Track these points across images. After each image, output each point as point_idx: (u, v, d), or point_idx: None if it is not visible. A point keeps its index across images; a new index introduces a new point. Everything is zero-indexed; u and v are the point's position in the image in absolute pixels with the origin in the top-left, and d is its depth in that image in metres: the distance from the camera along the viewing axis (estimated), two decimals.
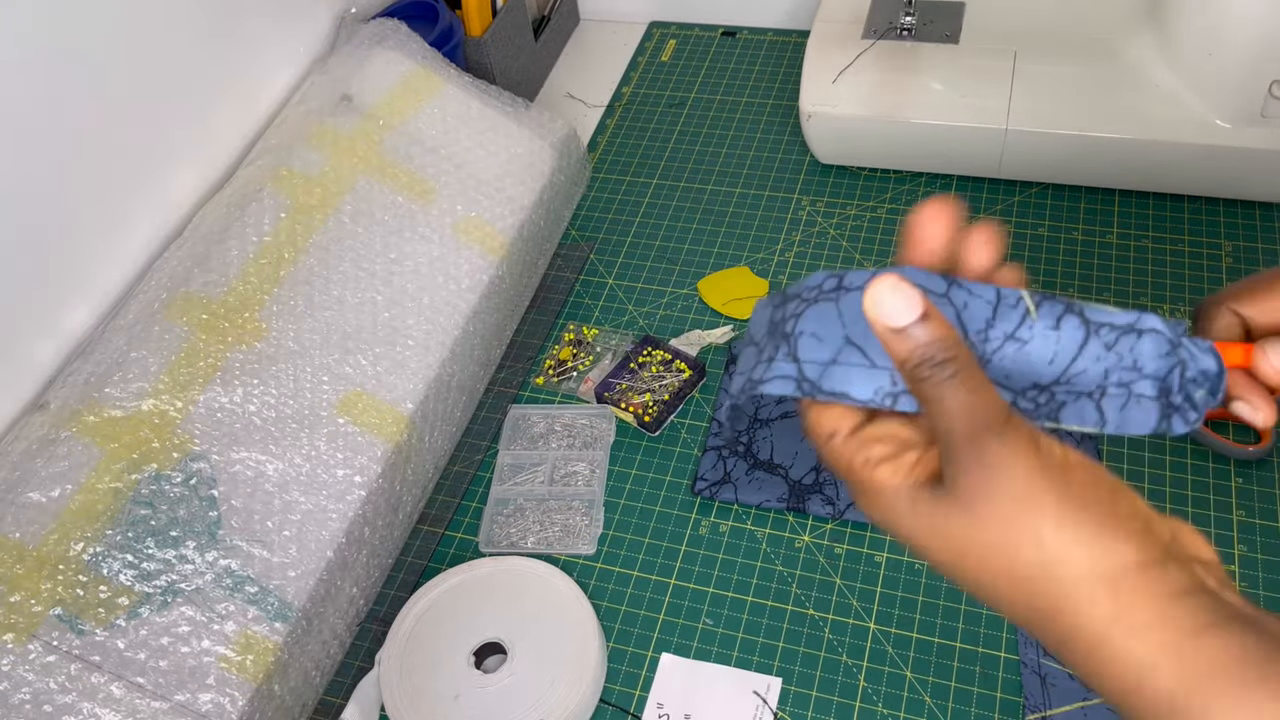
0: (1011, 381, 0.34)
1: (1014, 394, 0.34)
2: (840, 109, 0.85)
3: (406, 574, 0.68)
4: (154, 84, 0.69)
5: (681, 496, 0.70)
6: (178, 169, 0.72)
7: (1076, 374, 0.34)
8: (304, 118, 0.75)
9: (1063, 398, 0.34)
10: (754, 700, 0.60)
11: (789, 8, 1.04)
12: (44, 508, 0.55)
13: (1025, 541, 0.31)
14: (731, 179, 0.91)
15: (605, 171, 0.93)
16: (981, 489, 0.31)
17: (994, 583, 0.32)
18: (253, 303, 0.66)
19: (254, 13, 0.77)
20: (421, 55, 0.81)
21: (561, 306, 0.83)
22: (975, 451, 0.31)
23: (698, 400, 0.75)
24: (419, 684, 0.60)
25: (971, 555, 0.32)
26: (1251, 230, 0.80)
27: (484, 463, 0.73)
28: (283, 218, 0.69)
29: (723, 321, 0.80)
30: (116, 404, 0.59)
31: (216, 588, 0.57)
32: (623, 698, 0.62)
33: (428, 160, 0.77)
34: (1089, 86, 0.82)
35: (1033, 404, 0.34)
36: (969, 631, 0.61)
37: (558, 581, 0.64)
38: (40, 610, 0.53)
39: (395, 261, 0.72)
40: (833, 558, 0.66)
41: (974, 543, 0.31)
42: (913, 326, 0.31)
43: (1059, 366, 0.34)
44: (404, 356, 0.69)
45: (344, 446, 0.64)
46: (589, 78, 1.04)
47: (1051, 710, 0.57)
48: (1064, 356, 0.33)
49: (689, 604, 0.65)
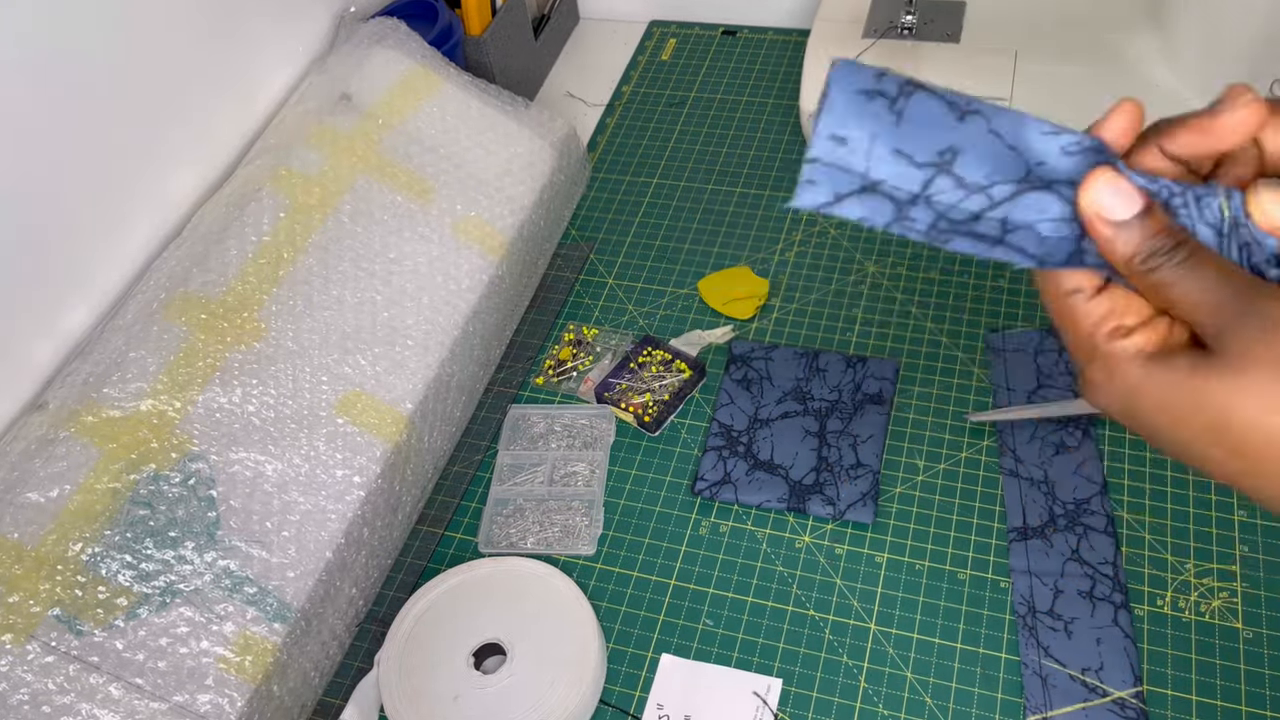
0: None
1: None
2: None
3: (406, 574, 0.68)
4: (153, 84, 0.69)
5: (681, 497, 0.70)
6: (177, 169, 0.72)
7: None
8: (303, 117, 0.75)
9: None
10: (754, 701, 0.60)
11: (789, 7, 1.04)
12: (42, 508, 0.55)
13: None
14: (731, 179, 0.91)
15: (605, 171, 0.93)
16: (1257, 347, 0.29)
17: (1261, 452, 0.29)
18: (252, 303, 0.66)
19: (253, 12, 0.77)
20: (421, 54, 0.81)
21: (561, 306, 0.83)
22: (1249, 309, 0.29)
23: (698, 400, 0.75)
24: (418, 685, 0.60)
25: (1236, 423, 0.29)
26: None
27: (484, 463, 0.73)
28: (282, 217, 0.69)
29: (723, 321, 0.80)
30: (115, 404, 0.59)
31: (215, 588, 0.57)
32: (623, 698, 0.61)
33: (427, 160, 0.76)
34: (1089, 86, 0.82)
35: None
36: (969, 632, 0.61)
37: (557, 582, 0.64)
38: (39, 611, 0.53)
39: (394, 261, 0.72)
40: (833, 558, 0.66)
41: (1242, 409, 0.29)
42: (1134, 221, 0.31)
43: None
44: (403, 356, 0.69)
45: (343, 447, 0.64)
46: (589, 77, 1.04)
47: (1052, 711, 0.57)
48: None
49: (689, 604, 0.65)
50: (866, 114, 0.31)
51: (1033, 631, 0.60)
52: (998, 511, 0.66)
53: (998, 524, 0.66)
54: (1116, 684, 0.58)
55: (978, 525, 0.66)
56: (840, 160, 0.31)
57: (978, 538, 0.65)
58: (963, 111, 0.32)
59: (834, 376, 0.74)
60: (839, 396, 0.72)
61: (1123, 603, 0.61)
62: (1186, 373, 0.30)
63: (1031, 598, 0.62)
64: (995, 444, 0.69)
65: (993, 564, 0.64)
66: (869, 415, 0.71)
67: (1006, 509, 0.66)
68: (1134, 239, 0.31)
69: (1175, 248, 0.31)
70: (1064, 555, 0.63)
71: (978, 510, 0.67)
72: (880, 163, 0.31)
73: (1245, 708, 0.57)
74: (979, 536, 0.65)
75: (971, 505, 0.67)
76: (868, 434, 0.70)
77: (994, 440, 0.70)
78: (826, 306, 0.79)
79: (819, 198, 0.32)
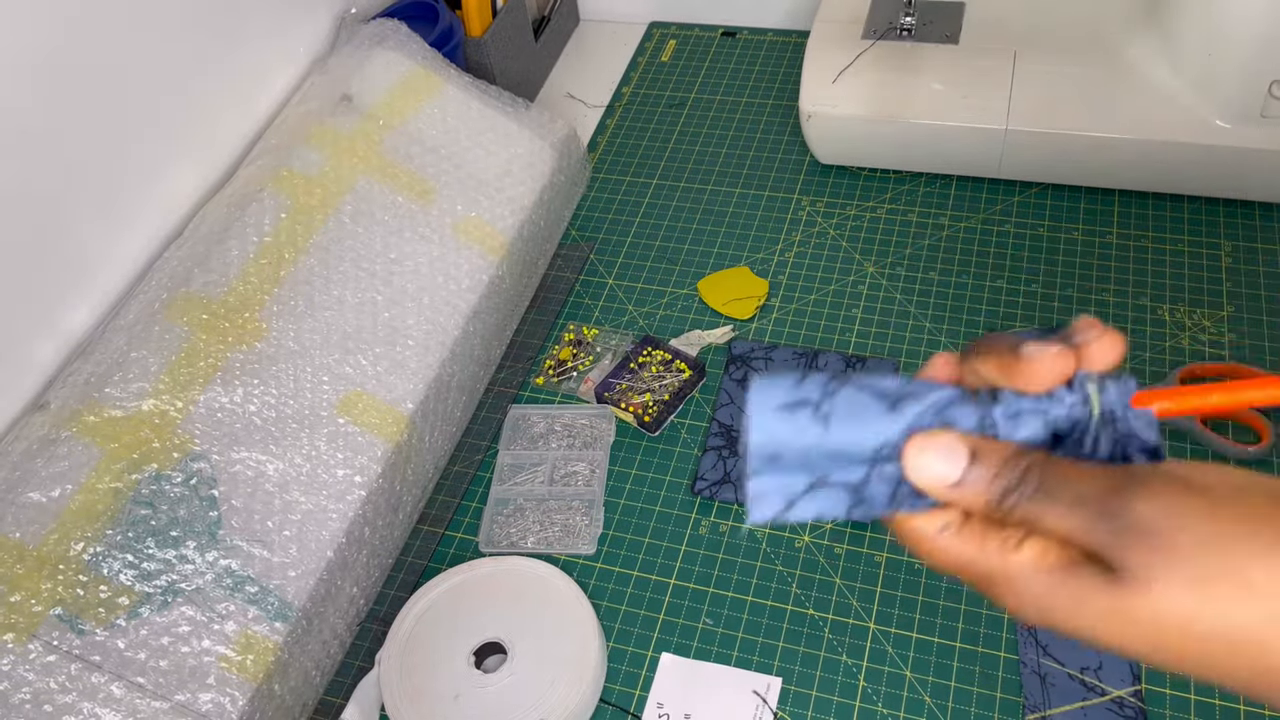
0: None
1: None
2: (840, 109, 0.86)
3: (406, 574, 0.68)
4: (155, 84, 0.69)
5: (681, 496, 0.70)
6: (178, 169, 0.72)
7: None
8: (304, 118, 0.75)
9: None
10: (754, 700, 0.60)
11: (789, 8, 1.04)
12: (44, 508, 0.55)
13: (1231, 596, 0.25)
14: (731, 179, 0.91)
15: (605, 171, 0.93)
16: (1153, 560, 0.26)
17: (1206, 657, 0.27)
18: (253, 303, 0.66)
19: (254, 13, 0.77)
20: (421, 55, 0.81)
21: (561, 306, 0.83)
22: (1124, 527, 0.27)
23: (698, 400, 0.75)
24: (419, 684, 0.60)
25: (1171, 635, 0.27)
26: (1251, 230, 0.80)
27: (484, 463, 0.73)
28: (283, 218, 0.69)
29: (723, 321, 0.80)
30: (117, 404, 0.59)
31: (217, 587, 0.57)
32: (623, 698, 0.62)
33: (428, 160, 0.77)
34: (1089, 86, 0.82)
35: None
36: (969, 631, 0.62)
37: (558, 581, 0.64)
38: (40, 610, 0.53)
39: (395, 261, 0.72)
40: (833, 558, 0.66)
41: (1169, 621, 0.26)
42: (968, 473, 0.29)
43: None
44: (404, 356, 0.69)
45: (344, 446, 0.64)
46: (589, 78, 1.04)
47: (1051, 710, 0.57)
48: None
49: (689, 604, 0.65)
50: (793, 428, 0.31)
51: (1031, 630, 0.60)
52: None
53: None
54: (1115, 683, 0.58)
55: None
56: (782, 471, 0.31)
57: None
58: (894, 400, 0.31)
59: None
60: None
61: None
62: (1099, 594, 0.27)
63: None
64: None
65: None
66: None
67: None
68: (978, 488, 0.29)
69: (1023, 478, 0.28)
70: None
71: None
72: (820, 464, 0.31)
73: (1244, 706, 0.57)
74: None
75: None
76: None
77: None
78: (826, 307, 0.79)
79: (773, 508, 0.31)
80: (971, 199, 0.86)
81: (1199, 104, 0.79)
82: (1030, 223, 0.83)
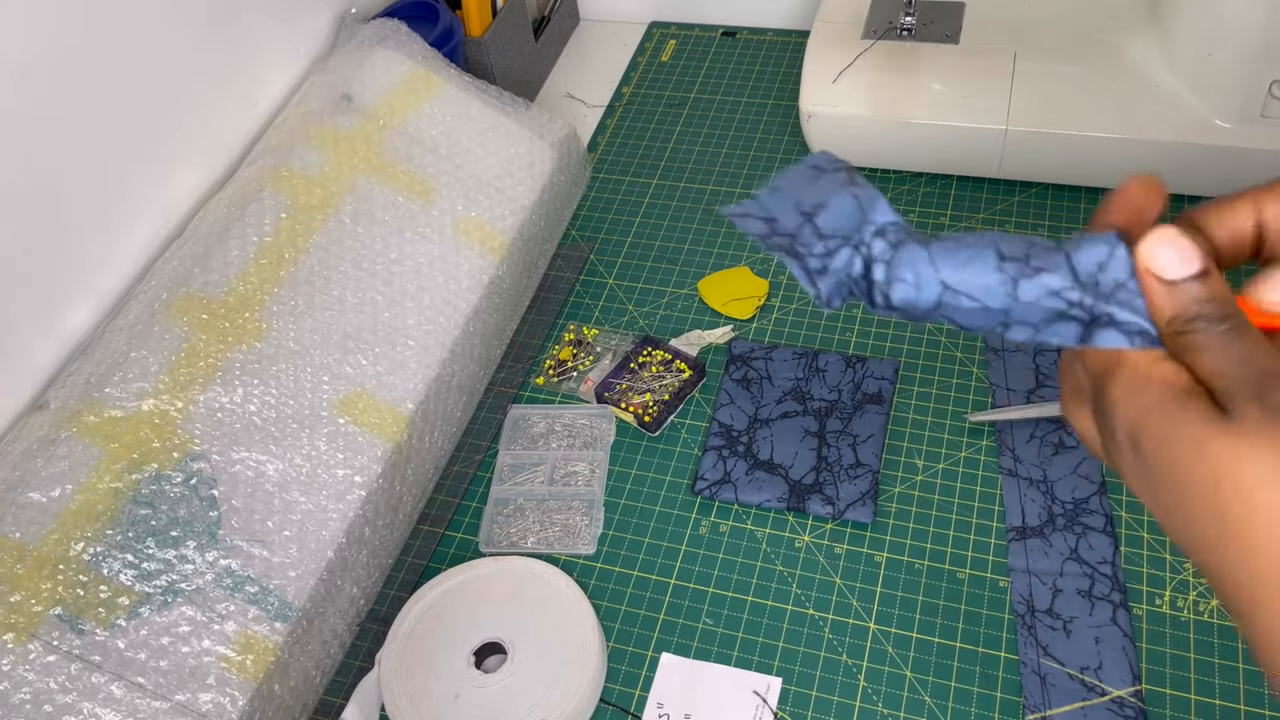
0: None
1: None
2: (840, 109, 0.86)
3: (407, 574, 0.68)
4: (154, 84, 0.69)
5: (681, 496, 0.70)
6: (178, 169, 0.72)
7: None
8: (304, 118, 0.75)
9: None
10: (754, 700, 0.60)
11: (789, 8, 1.04)
12: (44, 508, 0.55)
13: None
14: (731, 179, 0.91)
15: (605, 171, 0.93)
16: (1269, 425, 0.28)
17: (1240, 520, 0.29)
18: (253, 303, 0.66)
19: (254, 12, 0.77)
20: (422, 55, 0.81)
21: (561, 306, 0.83)
22: (1270, 387, 0.29)
23: (698, 400, 0.75)
24: (419, 684, 0.60)
25: (1227, 486, 0.29)
26: None
27: (484, 463, 0.73)
28: (283, 218, 0.69)
29: (723, 321, 0.80)
30: (117, 404, 0.59)
31: (217, 588, 0.57)
32: (623, 697, 0.62)
33: (428, 160, 0.77)
34: (1089, 86, 0.82)
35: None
36: (969, 631, 0.62)
37: (558, 581, 0.64)
38: (40, 610, 0.53)
39: (395, 261, 0.72)
40: (833, 558, 0.66)
41: (1238, 474, 0.29)
42: (1188, 282, 0.30)
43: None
44: (404, 356, 0.69)
45: (344, 446, 0.64)
46: (589, 78, 1.04)
47: (1051, 710, 0.57)
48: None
49: (689, 604, 0.65)
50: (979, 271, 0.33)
51: (1031, 630, 0.60)
52: (997, 511, 0.66)
53: (997, 523, 0.66)
54: (1115, 683, 0.58)
55: (977, 524, 0.66)
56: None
57: (977, 537, 0.65)
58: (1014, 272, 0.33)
59: (833, 376, 0.74)
60: (838, 396, 0.73)
61: (1121, 602, 0.61)
62: (1200, 421, 0.30)
63: (1030, 597, 0.62)
64: (994, 444, 0.70)
65: (992, 563, 0.64)
66: (868, 415, 0.71)
67: (1005, 508, 0.66)
68: (1181, 301, 0.30)
69: (1221, 319, 0.30)
70: (1063, 554, 0.63)
71: (977, 510, 0.67)
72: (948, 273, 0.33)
73: (1244, 707, 0.57)
74: (978, 536, 0.66)
75: (970, 505, 0.67)
76: (867, 434, 0.70)
77: (993, 440, 0.70)
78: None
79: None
80: (971, 199, 0.86)
81: (1199, 104, 0.79)
82: (1030, 223, 0.83)
